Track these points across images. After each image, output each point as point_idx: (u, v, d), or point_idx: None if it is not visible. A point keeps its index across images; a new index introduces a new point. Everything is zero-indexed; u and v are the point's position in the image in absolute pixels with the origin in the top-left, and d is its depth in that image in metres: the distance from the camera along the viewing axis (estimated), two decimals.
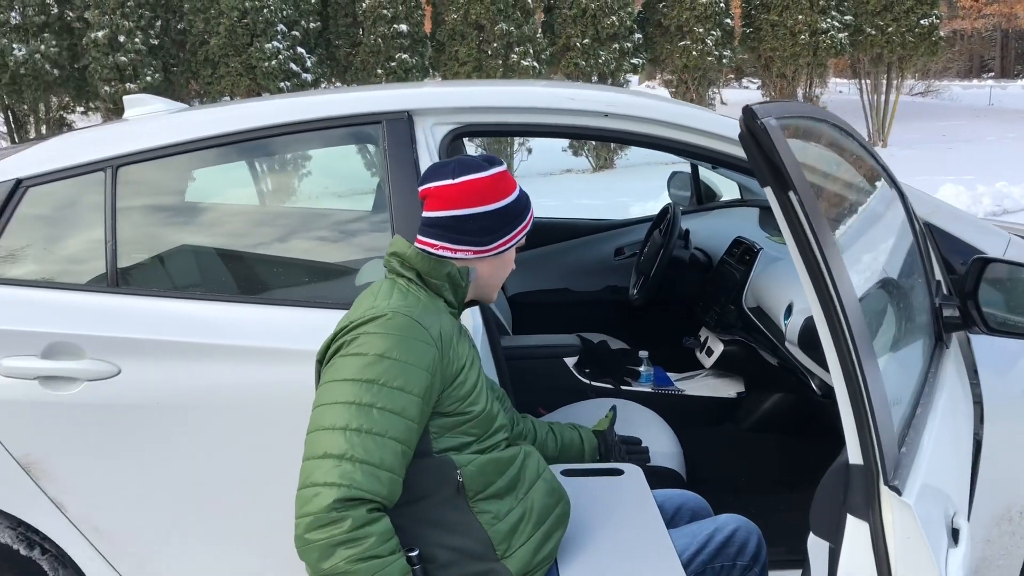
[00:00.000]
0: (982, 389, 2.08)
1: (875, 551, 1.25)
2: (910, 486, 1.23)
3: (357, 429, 1.44)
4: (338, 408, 1.47)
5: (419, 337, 1.53)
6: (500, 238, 1.68)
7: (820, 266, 1.13)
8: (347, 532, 1.39)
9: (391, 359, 1.49)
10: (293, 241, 2.34)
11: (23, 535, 2.12)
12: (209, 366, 2.03)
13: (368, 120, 2.20)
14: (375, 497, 1.43)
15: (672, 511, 1.96)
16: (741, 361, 3.09)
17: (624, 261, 4.00)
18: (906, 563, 1.20)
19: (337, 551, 1.39)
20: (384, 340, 1.50)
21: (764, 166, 1.10)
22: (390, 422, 1.46)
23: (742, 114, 1.10)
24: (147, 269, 2.16)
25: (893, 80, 15.90)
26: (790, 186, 1.09)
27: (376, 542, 1.41)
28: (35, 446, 2.03)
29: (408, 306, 1.56)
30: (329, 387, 1.51)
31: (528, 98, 2.25)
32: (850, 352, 1.16)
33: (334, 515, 1.39)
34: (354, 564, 1.39)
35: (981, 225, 2.27)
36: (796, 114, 1.33)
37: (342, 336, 1.55)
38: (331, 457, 1.43)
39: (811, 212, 1.10)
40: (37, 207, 2.14)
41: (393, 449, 1.46)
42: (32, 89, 11.95)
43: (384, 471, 1.45)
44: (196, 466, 2.05)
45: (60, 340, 2.02)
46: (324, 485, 1.41)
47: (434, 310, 1.61)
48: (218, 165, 2.29)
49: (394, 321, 1.52)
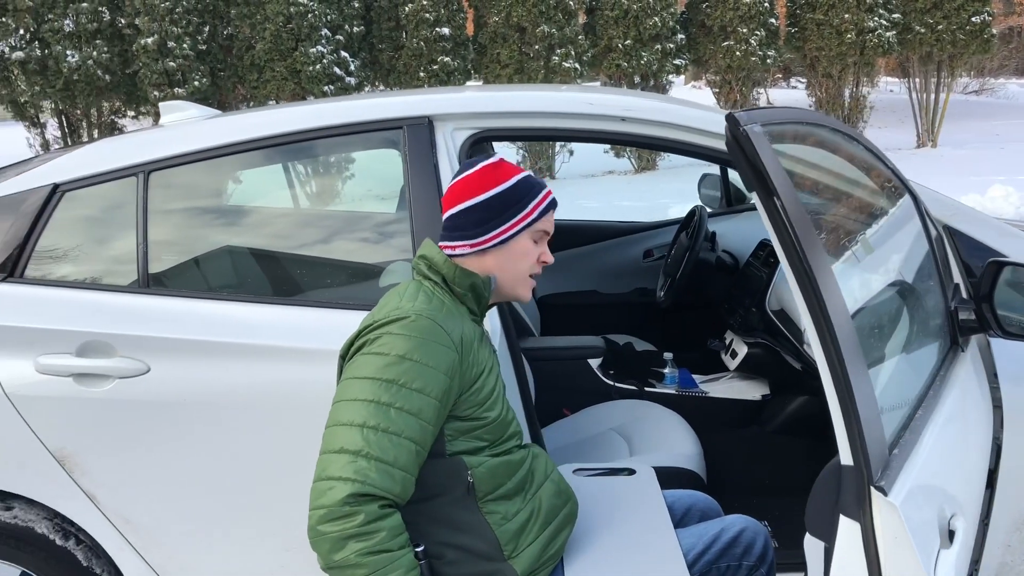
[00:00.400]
0: (1002, 393, 2.06)
1: (866, 551, 1.27)
2: (898, 487, 1.24)
3: (374, 427, 1.48)
4: (357, 405, 1.51)
5: (440, 341, 1.56)
6: (495, 228, 1.69)
7: (806, 270, 1.15)
8: (359, 526, 1.43)
9: (412, 360, 1.52)
10: (317, 243, 2.40)
11: (59, 526, 2.20)
12: (235, 365, 2.09)
13: (390, 126, 2.25)
14: (387, 494, 1.46)
15: (682, 512, 1.97)
16: (765, 364, 3.09)
17: (653, 263, 4.01)
18: (894, 563, 1.22)
19: (348, 544, 1.43)
20: (406, 342, 1.53)
21: (749, 172, 1.12)
22: (406, 422, 1.50)
23: (726, 121, 1.12)
24: (177, 270, 2.24)
25: (943, 79, 15.58)
26: (774, 192, 1.11)
27: (387, 537, 1.45)
28: (69, 440, 2.11)
29: (432, 310, 1.59)
30: (349, 384, 1.54)
31: (546, 103, 2.29)
32: (837, 354, 1.17)
33: (347, 509, 1.43)
34: (364, 557, 1.43)
35: (1003, 228, 2.25)
36: (786, 120, 1.35)
37: (366, 334, 1.58)
38: (347, 453, 1.47)
39: (795, 216, 1.12)
40: (73, 211, 2.23)
41: (408, 449, 1.50)
42: (84, 95, 12.27)
43: (398, 470, 1.48)
44: (223, 461, 2.12)
45: (93, 339, 2.10)
46: (339, 479, 1.45)
47: (457, 315, 1.64)
48: (244, 170, 2.37)
49: (417, 323, 1.55)
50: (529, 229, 1.71)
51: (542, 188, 1.75)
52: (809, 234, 1.16)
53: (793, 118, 1.39)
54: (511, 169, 1.74)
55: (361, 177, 2.70)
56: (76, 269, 2.20)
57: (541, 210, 1.72)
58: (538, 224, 1.72)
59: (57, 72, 12.01)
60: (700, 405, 3.03)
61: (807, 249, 1.14)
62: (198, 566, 2.21)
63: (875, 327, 1.55)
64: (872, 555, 1.25)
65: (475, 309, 1.71)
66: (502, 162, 1.74)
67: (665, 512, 1.86)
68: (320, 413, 2.05)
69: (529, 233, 1.72)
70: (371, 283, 2.26)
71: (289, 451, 2.09)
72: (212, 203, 2.41)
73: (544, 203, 1.73)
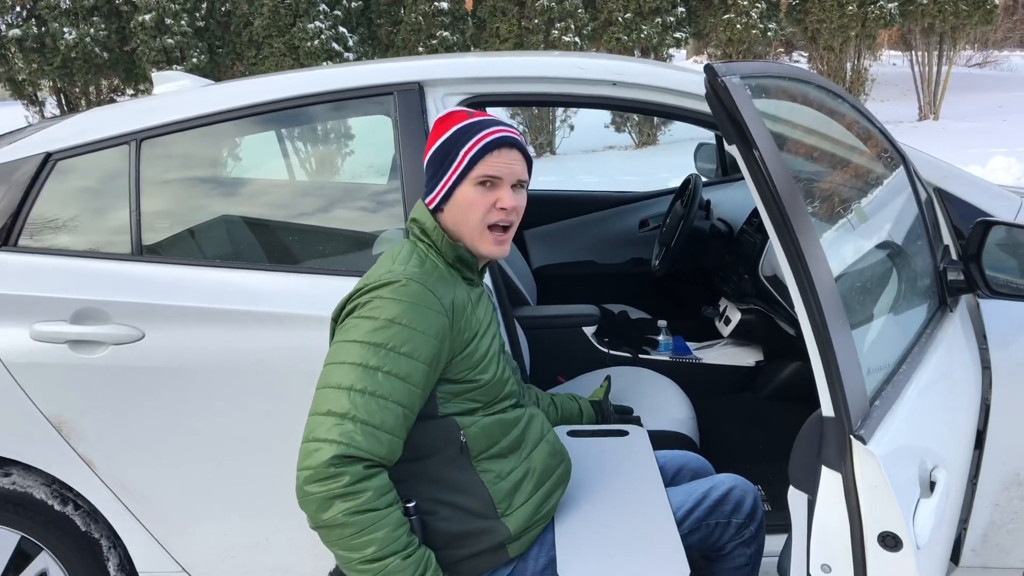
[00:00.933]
0: (990, 354, 2.07)
1: (847, 501, 1.28)
2: (878, 437, 1.26)
3: (362, 390, 1.49)
4: (345, 368, 1.51)
5: (430, 305, 1.56)
6: (437, 183, 1.67)
7: (785, 223, 1.16)
8: (345, 487, 1.44)
9: (401, 325, 1.53)
10: (310, 210, 2.41)
11: (57, 491, 2.23)
12: (230, 331, 2.11)
13: (380, 92, 2.25)
14: (373, 456, 1.48)
15: (673, 471, 1.99)
16: (759, 330, 3.10)
17: (648, 233, 4.01)
18: (873, 510, 1.23)
19: (335, 503, 1.44)
20: (396, 306, 1.53)
21: (728, 124, 1.13)
22: (394, 386, 1.51)
23: (704, 72, 1.12)
24: (170, 238, 2.25)
25: (945, 51, 15.48)
26: (753, 144, 1.12)
27: (373, 496, 1.46)
28: (65, 407, 2.13)
29: (424, 274, 1.59)
30: (340, 346, 1.55)
31: (538, 68, 2.29)
32: (815, 304, 1.18)
33: (332, 470, 1.44)
34: (351, 516, 1.45)
35: (994, 190, 2.25)
36: (767, 74, 1.35)
37: (357, 297, 1.59)
38: (334, 415, 1.48)
39: (774, 169, 1.13)
40: (66, 179, 2.24)
41: (395, 412, 1.51)
42: (83, 72, 12.25)
43: (384, 432, 1.49)
44: (218, 427, 2.14)
45: (87, 306, 2.11)
46: (325, 441, 1.46)
47: (450, 279, 1.64)
48: (236, 138, 2.37)
49: (408, 288, 1.55)
50: (467, 178, 1.64)
51: (478, 131, 1.64)
52: (789, 187, 1.16)
53: (774, 72, 1.39)
54: (456, 118, 1.68)
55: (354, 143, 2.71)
56: (70, 237, 2.21)
57: (472, 156, 1.62)
58: (475, 171, 1.63)
59: (54, 50, 11.98)
60: (694, 372, 3.04)
61: (787, 202, 1.15)
62: (196, 530, 2.24)
63: (859, 287, 1.56)
64: (853, 504, 1.26)
65: (469, 275, 1.71)
66: (452, 113, 1.69)
67: (656, 471, 1.88)
68: (315, 379, 2.08)
69: (469, 182, 1.64)
70: (363, 249, 2.27)
71: (285, 416, 2.11)
72: (205, 171, 2.42)
73: (476, 147, 1.63)
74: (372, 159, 2.70)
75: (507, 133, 1.66)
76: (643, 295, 3.88)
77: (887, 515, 1.22)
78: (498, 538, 1.63)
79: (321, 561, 2.25)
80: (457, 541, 1.62)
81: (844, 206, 1.59)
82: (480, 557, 1.63)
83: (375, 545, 1.46)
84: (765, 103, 1.27)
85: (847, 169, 1.77)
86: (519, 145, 1.68)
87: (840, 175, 1.70)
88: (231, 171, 2.53)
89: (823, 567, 1.35)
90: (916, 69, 15.67)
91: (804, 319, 1.23)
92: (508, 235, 1.69)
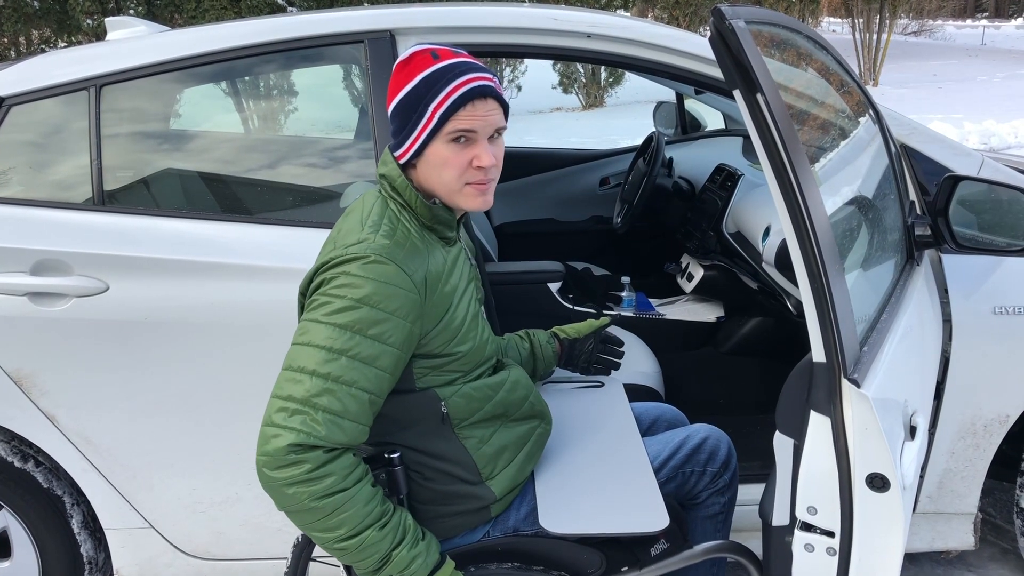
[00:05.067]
0: (952, 308, 2.14)
1: (835, 444, 1.32)
2: (869, 381, 1.29)
3: (325, 375, 1.41)
4: (310, 351, 1.42)
5: (400, 284, 1.44)
6: (406, 140, 1.51)
7: (786, 166, 1.17)
8: (306, 473, 1.38)
9: (369, 306, 1.42)
10: (277, 161, 2.35)
11: (17, 448, 2.17)
12: (196, 283, 2.06)
13: (350, 39, 2.20)
14: (333, 445, 1.41)
15: (649, 422, 2.01)
16: (721, 286, 3.14)
17: (609, 191, 4.02)
18: (863, 452, 1.27)
19: (298, 488, 1.38)
20: (364, 285, 1.43)
21: (732, 67, 1.13)
22: (360, 372, 1.42)
23: (711, 15, 1.12)
24: (132, 188, 2.18)
25: (886, 19, 15.75)
26: (758, 88, 1.12)
27: (337, 479, 1.40)
28: (26, 361, 2.07)
29: (395, 246, 1.46)
30: (306, 326, 1.45)
31: (512, 18, 2.26)
32: (814, 251, 1.20)
33: (292, 457, 1.37)
34: (317, 501, 1.39)
35: (956, 147, 2.30)
36: (769, 20, 1.35)
37: (324, 271, 1.47)
38: (294, 400, 1.40)
39: (778, 114, 1.13)
40: (21, 125, 2.15)
41: (359, 399, 1.43)
42: (12, 22, 11.74)
43: (347, 420, 1.41)
44: (184, 381, 2.10)
45: (48, 257, 2.04)
46: (284, 428, 1.39)
47: (422, 248, 1.52)
48: (200, 85, 2.30)
49: (376, 266, 1.43)
50: (439, 134, 1.48)
51: (448, 81, 1.46)
52: (792, 134, 1.17)
53: (774, 19, 1.40)
54: (420, 62, 1.49)
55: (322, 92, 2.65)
56: (27, 186, 2.13)
57: (443, 112, 1.46)
58: (447, 127, 1.47)
59: None
60: (657, 327, 3.08)
61: (790, 148, 1.15)
62: (162, 486, 2.20)
63: (842, 237, 1.59)
64: (841, 447, 1.29)
65: (447, 234, 1.59)
66: (414, 55, 1.50)
67: (632, 421, 1.90)
68: (280, 333, 2.05)
69: (442, 138, 1.48)
70: (333, 200, 2.23)
71: (253, 369, 2.08)
72: (166, 119, 2.34)
73: (447, 102, 1.46)
74: (342, 108, 2.65)
75: (481, 81, 1.48)
76: (604, 252, 3.91)
77: (877, 457, 1.26)
78: (483, 502, 1.62)
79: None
80: (442, 499, 1.60)
81: (827, 157, 1.61)
82: (463, 516, 1.62)
83: (347, 525, 1.41)
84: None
85: (832, 121, 1.79)
86: (494, 93, 1.51)
87: (826, 126, 1.72)
88: (192, 120, 2.46)
89: (809, 509, 1.39)
90: (857, 35, 15.92)
91: (800, 266, 1.24)
92: (490, 185, 1.55)
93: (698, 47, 2.21)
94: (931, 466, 2.26)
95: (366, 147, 2.23)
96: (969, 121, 10.39)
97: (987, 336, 2.14)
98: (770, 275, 2.57)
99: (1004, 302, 2.14)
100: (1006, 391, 2.19)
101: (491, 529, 1.67)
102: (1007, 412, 2.20)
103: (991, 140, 9.77)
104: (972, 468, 2.27)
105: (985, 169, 2.24)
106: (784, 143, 1.14)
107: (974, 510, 2.33)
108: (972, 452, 2.26)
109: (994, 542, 2.73)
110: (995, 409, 2.20)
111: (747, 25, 1.14)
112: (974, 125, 10.13)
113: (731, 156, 3.47)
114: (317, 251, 2.05)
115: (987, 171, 2.23)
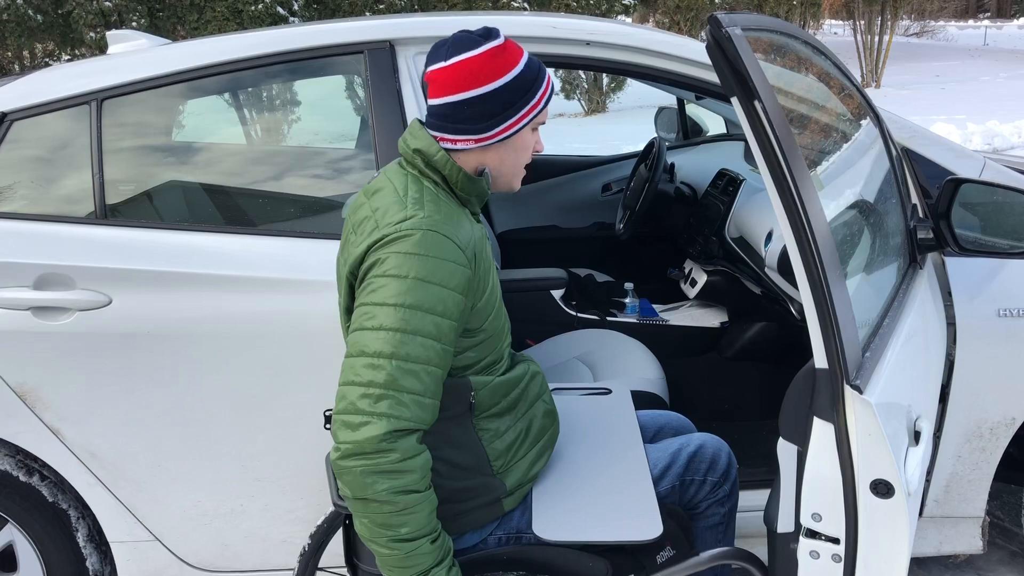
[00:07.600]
0: (955, 311, 2.13)
1: (839, 450, 1.31)
2: (872, 386, 1.28)
3: (404, 357, 1.42)
4: (381, 335, 1.43)
5: (455, 259, 1.47)
6: (501, 123, 1.55)
7: (784, 172, 1.17)
8: (393, 463, 1.38)
9: (430, 283, 1.44)
10: (279, 173, 2.36)
11: (22, 462, 2.17)
12: (199, 295, 2.06)
13: (350, 50, 2.21)
14: (422, 426, 1.43)
15: (655, 430, 2.00)
16: (724, 291, 3.14)
17: (612, 197, 4.02)
18: (867, 458, 1.26)
19: (380, 480, 1.38)
20: (421, 263, 1.44)
21: (729, 75, 1.13)
22: (433, 349, 1.44)
23: (707, 23, 1.12)
24: (134, 201, 2.19)
25: (887, 20, 15.74)
26: (755, 95, 1.12)
27: (418, 477, 1.41)
28: (30, 375, 2.07)
29: (442, 219, 1.48)
30: (368, 310, 1.45)
31: (511, 26, 2.26)
32: (814, 256, 1.20)
33: (384, 445, 1.38)
34: (396, 495, 1.39)
35: (957, 149, 2.30)
36: (765, 27, 1.35)
37: (375, 250, 1.48)
38: (376, 386, 1.41)
39: (776, 120, 1.13)
40: (23, 141, 2.15)
41: (434, 375, 1.45)
42: (15, 36, 11.76)
43: (428, 399, 1.44)
44: (187, 393, 2.10)
45: (51, 271, 2.05)
46: (372, 414, 1.39)
47: (461, 217, 1.54)
48: (201, 98, 2.31)
49: (428, 240, 1.45)
50: (533, 121, 1.59)
51: (544, 73, 1.59)
52: (790, 140, 1.17)
53: (771, 26, 1.40)
54: (515, 51, 1.56)
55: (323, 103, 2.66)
56: (30, 201, 2.14)
57: (546, 100, 1.59)
58: (541, 115, 1.60)
59: None
60: (661, 333, 3.07)
61: (788, 154, 1.15)
62: (167, 499, 2.20)
63: (843, 242, 1.59)
64: (845, 453, 1.29)
65: (476, 210, 1.64)
66: (508, 44, 1.56)
67: (637, 429, 1.89)
68: (286, 344, 2.05)
69: (532, 125, 1.60)
70: (335, 211, 2.24)
71: (255, 383, 2.08)
72: (167, 131, 2.35)
73: (549, 91, 1.60)
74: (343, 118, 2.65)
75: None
76: (607, 259, 3.90)
77: (880, 463, 1.25)
78: (495, 493, 1.63)
79: (297, 527, 2.23)
80: (457, 496, 1.61)
81: (828, 162, 1.61)
82: (476, 512, 1.63)
83: (410, 526, 1.42)
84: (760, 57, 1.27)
85: (832, 125, 1.79)
86: None
87: (825, 131, 1.72)
88: (193, 132, 2.47)
89: (814, 516, 1.38)
90: (859, 38, 15.91)
91: (800, 272, 1.24)
92: None
93: (697, 53, 2.22)
94: (937, 470, 2.25)
95: (367, 157, 2.23)
96: (972, 122, 10.38)
97: (992, 339, 2.14)
98: (773, 280, 2.57)
99: (1008, 304, 2.13)
100: (1012, 394, 2.18)
101: (496, 528, 1.67)
102: (1013, 415, 2.20)
103: (995, 140, 9.76)
104: (979, 471, 2.26)
105: (987, 171, 2.23)
106: (782, 149, 1.14)
107: (982, 514, 2.32)
108: (978, 455, 2.25)
109: (1003, 545, 2.71)
110: (1001, 412, 2.19)
111: (744, 32, 1.14)
112: (977, 126, 10.12)
113: (733, 161, 3.47)
114: (319, 262, 2.07)
115: (989, 173, 2.23)
